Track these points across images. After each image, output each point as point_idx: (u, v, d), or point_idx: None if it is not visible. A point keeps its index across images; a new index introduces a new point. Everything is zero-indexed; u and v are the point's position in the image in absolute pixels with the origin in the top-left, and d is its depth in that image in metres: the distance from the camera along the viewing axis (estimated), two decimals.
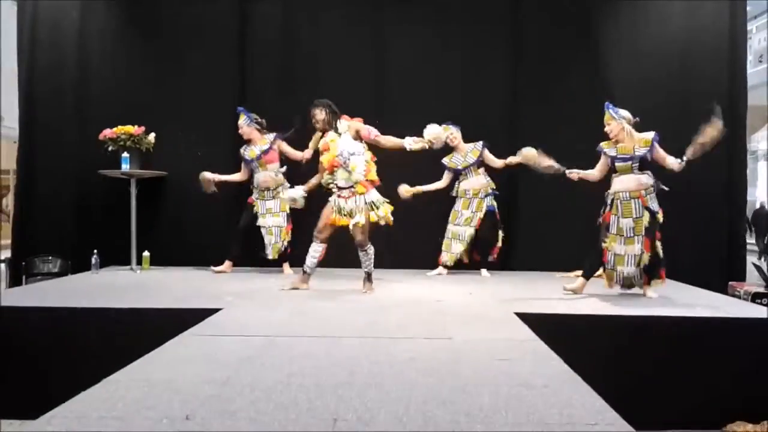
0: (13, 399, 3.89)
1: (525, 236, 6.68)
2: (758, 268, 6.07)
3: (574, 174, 4.96)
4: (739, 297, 5.52)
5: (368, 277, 5.11)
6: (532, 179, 6.51)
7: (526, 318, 3.94)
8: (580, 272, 5.11)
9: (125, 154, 6.07)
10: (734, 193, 6.63)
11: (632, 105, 6.49)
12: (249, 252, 6.20)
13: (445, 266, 6.29)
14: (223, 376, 2.60)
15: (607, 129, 4.87)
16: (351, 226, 4.90)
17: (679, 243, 6.45)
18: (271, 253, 6.10)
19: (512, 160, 5.88)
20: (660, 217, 4.84)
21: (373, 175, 4.98)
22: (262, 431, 2.00)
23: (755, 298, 5.37)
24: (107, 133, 6.08)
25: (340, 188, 4.93)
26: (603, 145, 4.94)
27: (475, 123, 6.35)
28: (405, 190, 5.98)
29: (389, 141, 4.97)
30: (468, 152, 6.19)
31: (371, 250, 5.03)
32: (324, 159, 4.97)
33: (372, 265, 5.07)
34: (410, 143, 4.89)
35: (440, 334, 3.53)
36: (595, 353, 3.80)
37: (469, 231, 6.18)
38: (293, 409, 2.23)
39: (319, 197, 5.19)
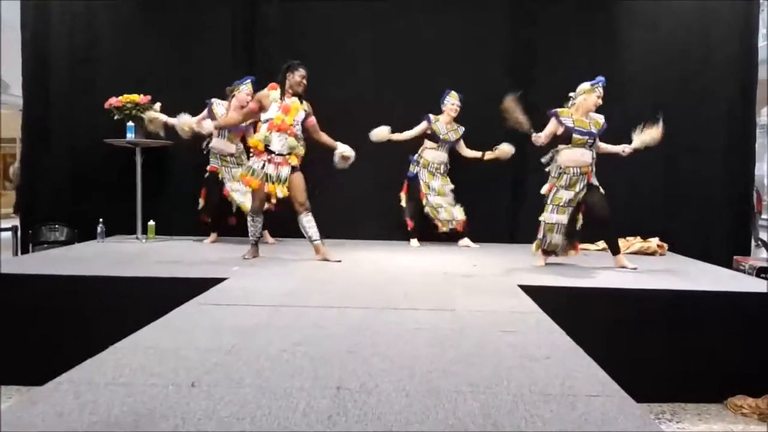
0: (20, 366, 3.94)
1: (529, 210, 6.66)
2: (764, 243, 6.05)
3: (540, 137, 4.86)
4: (744, 271, 5.51)
5: (321, 244, 5.13)
6: (537, 153, 6.52)
7: (530, 290, 3.96)
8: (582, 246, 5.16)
9: (130, 123, 6.06)
10: (741, 167, 6.58)
11: (641, 77, 6.48)
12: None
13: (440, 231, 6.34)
14: (228, 345, 2.63)
15: (598, 102, 4.84)
16: (282, 193, 4.93)
17: (684, 217, 6.46)
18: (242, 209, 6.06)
19: (489, 155, 6.14)
20: (601, 189, 4.92)
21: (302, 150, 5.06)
22: (267, 398, 2.02)
23: (760, 272, 5.37)
24: (113, 101, 6.06)
25: (271, 152, 4.90)
26: (560, 112, 4.88)
27: (476, 96, 6.31)
28: (379, 132, 6.03)
29: (321, 137, 5.12)
30: (452, 130, 6.20)
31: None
32: (278, 117, 4.89)
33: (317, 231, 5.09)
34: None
35: (444, 305, 3.54)
36: (598, 326, 3.82)
37: (447, 199, 6.24)
38: (298, 377, 2.25)
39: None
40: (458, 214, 6.27)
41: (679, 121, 6.44)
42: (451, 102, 6.13)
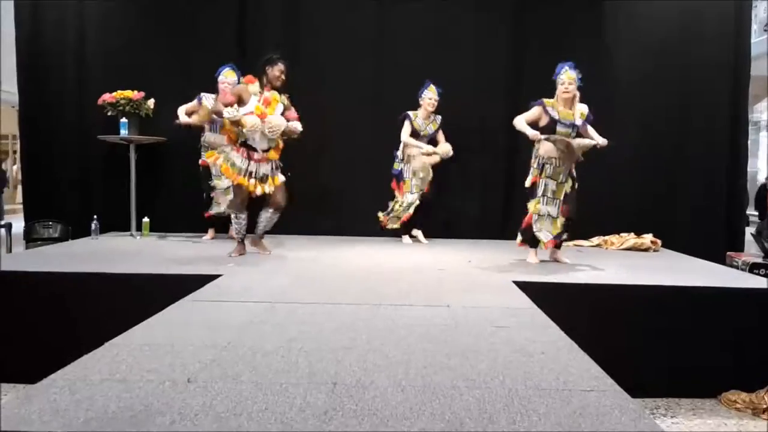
0: (14, 363, 3.93)
1: (523, 206, 6.67)
2: (757, 239, 6.07)
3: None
4: (737, 267, 5.54)
5: (262, 236, 5.18)
6: (529, 149, 6.54)
7: (524, 286, 3.97)
8: (575, 242, 5.15)
9: (123, 119, 6.03)
10: (735, 164, 6.61)
11: (635, 71, 6.50)
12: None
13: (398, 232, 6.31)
14: (224, 341, 2.63)
15: (567, 89, 4.73)
16: (265, 191, 4.89)
17: (678, 213, 6.49)
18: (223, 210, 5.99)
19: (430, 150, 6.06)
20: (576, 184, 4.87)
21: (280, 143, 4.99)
22: (263, 394, 2.03)
23: (753, 268, 5.39)
24: (106, 97, 6.04)
25: (251, 149, 4.83)
26: (547, 102, 4.81)
27: (478, 87, 6.32)
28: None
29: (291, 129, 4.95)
30: (430, 122, 6.17)
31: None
32: (258, 108, 4.76)
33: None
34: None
35: (439, 301, 3.55)
36: (592, 321, 3.83)
37: (417, 197, 6.16)
38: (294, 373, 2.25)
39: None
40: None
41: (671, 118, 6.48)
42: (429, 96, 6.09)
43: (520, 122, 4.80)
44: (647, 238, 6.02)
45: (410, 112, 6.13)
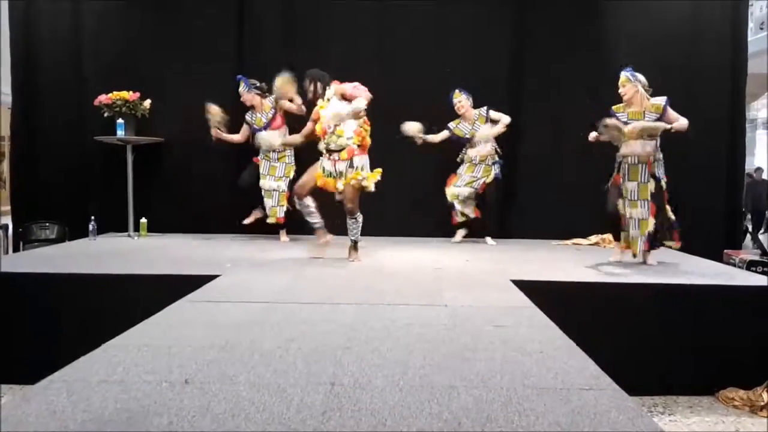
0: (12, 365, 3.92)
1: (523, 204, 6.68)
2: (754, 237, 6.09)
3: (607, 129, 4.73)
4: (734, 265, 5.55)
5: (354, 246, 5.01)
6: (532, 148, 6.53)
7: (523, 285, 3.97)
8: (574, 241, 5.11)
9: (120, 120, 6.03)
10: (733, 161, 6.61)
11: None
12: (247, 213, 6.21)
13: (460, 225, 6.31)
14: (221, 341, 2.63)
15: (621, 91, 4.81)
16: (337, 192, 4.87)
17: (676, 210, 6.48)
18: (269, 216, 6.07)
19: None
20: (664, 183, 4.82)
21: (366, 140, 4.89)
22: (261, 395, 2.02)
23: (750, 266, 5.40)
24: (102, 98, 6.04)
25: (330, 151, 4.85)
26: (615, 108, 4.88)
27: (478, 86, 6.32)
28: (413, 129, 5.93)
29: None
30: (475, 120, 6.15)
31: (360, 218, 4.92)
32: (318, 128, 4.88)
33: (359, 233, 4.96)
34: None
35: (437, 300, 3.55)
36: (590, 320, 3.83)
37: (468, 191, 6.13)
38: (291, 373, 2.25)
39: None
40: (470, 212, 6.22)
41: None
42: (455, 101, 6.10)
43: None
44: None
45: (450, 123, 6.18)
